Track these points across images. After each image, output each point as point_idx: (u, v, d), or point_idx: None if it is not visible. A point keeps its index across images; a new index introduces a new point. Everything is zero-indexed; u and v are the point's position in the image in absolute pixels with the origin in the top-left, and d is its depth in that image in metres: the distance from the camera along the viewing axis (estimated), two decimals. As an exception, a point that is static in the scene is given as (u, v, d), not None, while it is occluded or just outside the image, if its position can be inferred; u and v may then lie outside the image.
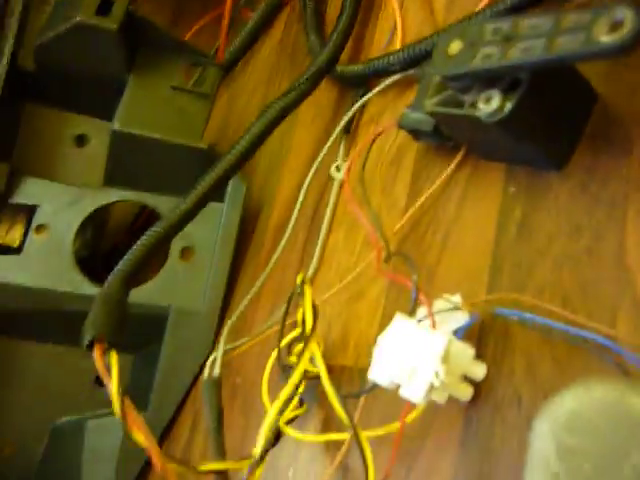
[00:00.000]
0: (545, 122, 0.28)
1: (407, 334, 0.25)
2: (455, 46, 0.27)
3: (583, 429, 0.19)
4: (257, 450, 0.27)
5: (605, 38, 0.22)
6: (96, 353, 0.31)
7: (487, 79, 0.27)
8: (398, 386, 0.25)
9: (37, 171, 0.48)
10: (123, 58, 0.47)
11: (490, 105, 0.27)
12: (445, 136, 0.33)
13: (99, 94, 0.49)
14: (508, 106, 0.26)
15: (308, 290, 0.28)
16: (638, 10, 0.22)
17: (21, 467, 0.49)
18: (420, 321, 0.26)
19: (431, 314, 0.25)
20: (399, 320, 0.26)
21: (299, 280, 0.29)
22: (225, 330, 0.38)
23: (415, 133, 0.34)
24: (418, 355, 0.24)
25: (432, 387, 0.24)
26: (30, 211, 0.47)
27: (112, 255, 0.37)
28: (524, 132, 0.28)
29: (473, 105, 0.27)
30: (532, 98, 0.26)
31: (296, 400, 0.33)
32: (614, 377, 0.22)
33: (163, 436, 0.45)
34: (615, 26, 0.22)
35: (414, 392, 0.24)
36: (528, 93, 0.26)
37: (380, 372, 0.25)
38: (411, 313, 0.26)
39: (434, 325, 0.25)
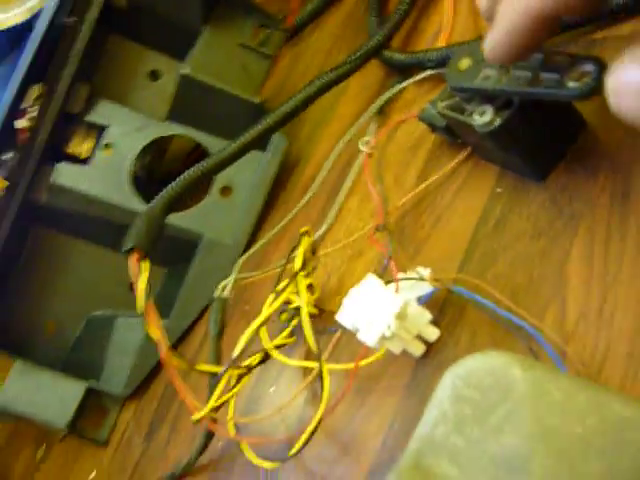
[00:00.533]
0: (531, 139, 0.32)
1: (374, 291, 0.31)
2: (465, 62, 0.32)
3: (474, 384, 0.24)
4: (235, 352, 0.34)
5: (571, 84, 0.26)
6: (132, 259, 0.38)
7: (485, 96, 0.32)
8: (358, 330, 0.31)
9: (112, 96, 0.53)
10: (203, 10, 0.53)
11: (483, 118, 0.31)
12: (455, 134, 0.38)
13: (177, 37, 0.54)
14: (497, 121, 0.31)
15: (305, 240, 0.34)
16: (603, 68, 0.26)
17: (57, 349, 0.57)
18: (388, 283, 0.32)
19: (397, 280, 0.31)
20: (370, 279, 0.31)
21: (301, 231, 0.35)
22: (240, 261, 0.44)
23: (431, 126, 0.39)
24: (378, 309, 0.30)
25: (384, 337, 0.30)
26: (101, 130, 0.52)
27: (166, 181, 0.43)
28: (511, 145, 0.32)
29: (471, 114, 0.32)
30: (520, 118, 0.31)
31: (288, 331, 0.39)
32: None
33: (177, 343, 0.52)
34: (582, 75, 0.26)
35: (369, 337, 0.30)
36: (516, 114, 0.30)
37: (346, 316, 0.31)
38: (382, 276, 0.32)
39: (397, 289, 0.31)
